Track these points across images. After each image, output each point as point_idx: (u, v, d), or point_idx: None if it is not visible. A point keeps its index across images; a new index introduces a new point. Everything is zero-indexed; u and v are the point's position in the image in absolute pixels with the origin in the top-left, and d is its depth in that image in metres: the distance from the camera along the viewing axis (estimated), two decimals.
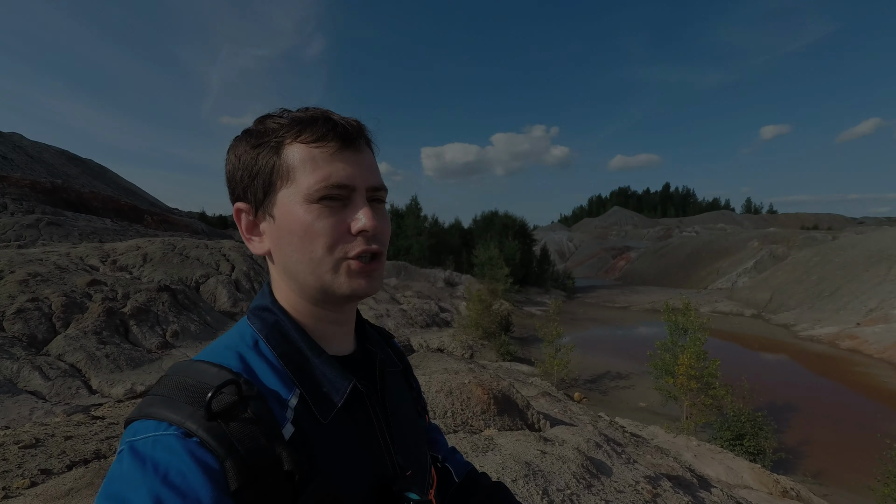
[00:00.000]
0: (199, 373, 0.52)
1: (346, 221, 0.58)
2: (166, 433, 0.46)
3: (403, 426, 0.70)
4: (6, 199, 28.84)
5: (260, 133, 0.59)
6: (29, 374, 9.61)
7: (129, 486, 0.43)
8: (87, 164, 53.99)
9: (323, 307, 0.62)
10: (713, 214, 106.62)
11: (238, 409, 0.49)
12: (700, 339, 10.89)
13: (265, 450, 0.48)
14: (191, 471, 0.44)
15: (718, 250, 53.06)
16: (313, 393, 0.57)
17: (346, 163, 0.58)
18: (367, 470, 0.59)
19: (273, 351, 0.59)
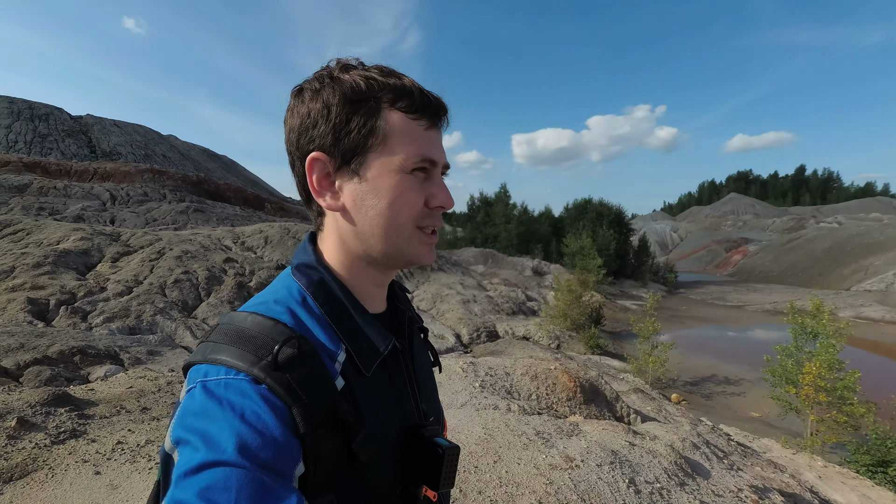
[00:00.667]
0: (258, 325, 0.55)
1: (424, 195, 0.61)
2: (237, 378, 0.49)
3: (425, 377, 0.76)
4: (165, 189, 34.96)
5: (355, 88, 0.58)
6: (183, 333, 11.76)
7: (209, 420, 0.45)
8: (222, 159, 62.99)
9: (377, 269, 0.66)
10: (865, 202, 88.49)
11: (299, 362, 0.52)
12: (834, 346, 9.27)
13: (323, 399, 0.51)
14: (265, 412, 0.47)
15: (869, 245, 44.05)
16: (357, 349, 0.61)
17: (434, 140, 0.62)
18: (400, 418, 0.64)
19: (320, 308, 0.61)
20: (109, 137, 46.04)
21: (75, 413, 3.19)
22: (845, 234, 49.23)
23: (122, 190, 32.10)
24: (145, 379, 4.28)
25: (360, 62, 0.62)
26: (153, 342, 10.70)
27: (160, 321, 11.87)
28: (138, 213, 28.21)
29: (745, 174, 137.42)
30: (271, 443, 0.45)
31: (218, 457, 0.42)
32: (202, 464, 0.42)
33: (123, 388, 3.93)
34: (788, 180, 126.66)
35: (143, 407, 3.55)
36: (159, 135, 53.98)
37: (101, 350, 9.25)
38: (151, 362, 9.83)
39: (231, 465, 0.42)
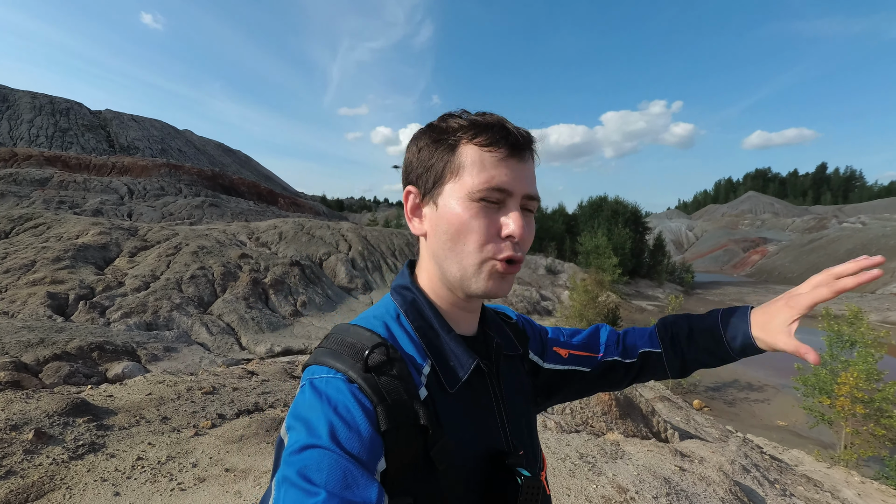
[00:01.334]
0: (356, 334, 0.63)
1: (497, 224, 0.62)
2: (335, 377, 0.57)
3: (516, 409, 0.74)
4: (181, 184, 35.31)
5: (441, 130, 0.65)
6: (199, 329, 11.75)
7: (311, 410, 0.53)
8: (236, 154, 63.52)
9: (458, 295, 0.68)
10: (890, 201, 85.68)
11: (386, 366, 0.58)
12: (873, 355, 8.82)
13: (406, 403, 0.56)
14: (354, 407, 0.53)
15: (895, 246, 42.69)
16: (442, 365, 0.64)
17: (510, 169, 0.62)
18: (483, 441, 0.65)
19: (411, 324, 0.67)
20: (127, 132, 46.71)
21: (94, 424, 3.04)
22: (870, 235, 47.70)
23: (139, 184, 32.47)
24: (165, 384, 4.13)
25: (463, 111, 0.67)
26: (170, 338, 10.69)
27: (176, 317, 11.88)
28: (155, 208, 28.52)
29: (763, 172, 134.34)
30: (357, 435, 0.51)
31: (315, 441, 0.49)
32: (303, 446, 0.49)
33: (142, 394, 3.79)
34: (809, 178, 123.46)
35: (163, 416, 3.40)
36: (175, 129, 54.63)
37: (119, 346, 9.24)
38: (168, 359, 9.81)
39: (324, 449, 0.48)
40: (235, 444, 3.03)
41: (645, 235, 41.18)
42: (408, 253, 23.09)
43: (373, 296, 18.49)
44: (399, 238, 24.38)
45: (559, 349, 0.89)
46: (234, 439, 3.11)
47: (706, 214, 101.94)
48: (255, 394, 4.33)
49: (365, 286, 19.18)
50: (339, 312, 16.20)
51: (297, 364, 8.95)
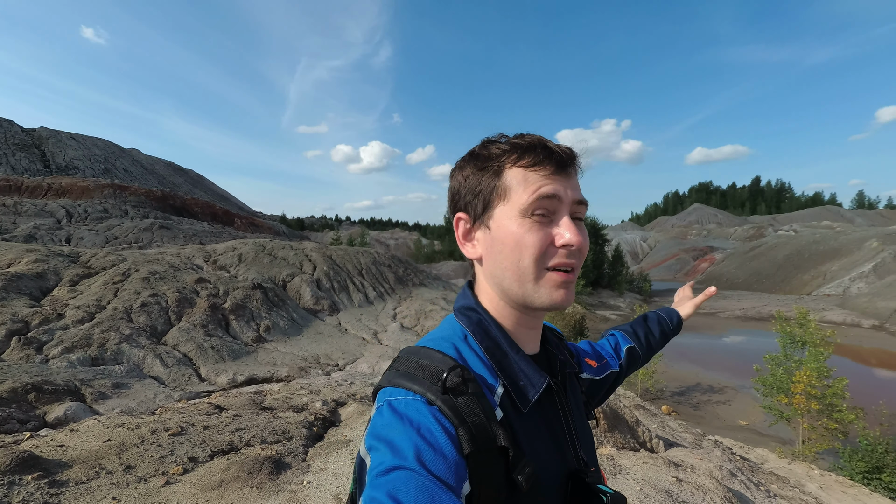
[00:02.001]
0: (428, 356, 0.62)
1: (551, 235, 0.63)
2: (414, 398, 0.55)
3: (582, 425, 0.76)
4: (127, 205, 33.21)
5: (484, 157, 0.67)
6: (152, 361, 10.86)
7: (393, 432, 0.52)
8: (188, 173, 60.64)
9: (522, 312, 0.68)
10: (815, 210, 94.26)
11: (463, 388, 0.57)
12: (822, 353, 9.47)
13: (485, 425, 0.55)
14: (437, 430, 0.52)
15: (826, 251, 46.68)
16: (513, 385, 0.64)
17: (558, 181, 0.64)
18: (559, 461, 0.65)
19: (479, 345, 0.66)
20: (65, 151, 43.55)
21: (45, 480, 2.67)
22: (803, 242, 52.06)
23: (79, 206, 30.18)
24: (125, 428, 3.73)
25: (501, 135, 0.69)
26: (119, 373, 9.82)
27: (126, 349, 10.94)
28: (98, 231, 26.54)
29: (706, 185, 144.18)
30: (442, 457, 0.50)
31: (401, 462, 0.48)
32: (390, 467, 0.48)
33: (100, 441, 3.39)
34: (746, 191, 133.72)
35: (127, 465, 3.04)
36: (120, 148, 51.54)
37: (60, 385, 8.37)
38: (118, 396, 8.98)
39: (411, 471, 0.47)
40: (215, 492, 2.75)
41: (604, 247, 42.81)
42: (374, 272, 22.69)
43: (340, 317, 17.92)
44: (365, 257, 23.95)
45: (590, 360, 0.96)
46: (212, 485, 2.82)
47: (658, 226, 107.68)
48: (229, 431, 4.00)
49: (332, 307, 18.57)
50: (305, 336, 15.52)
51: (264, 394, 8.44)
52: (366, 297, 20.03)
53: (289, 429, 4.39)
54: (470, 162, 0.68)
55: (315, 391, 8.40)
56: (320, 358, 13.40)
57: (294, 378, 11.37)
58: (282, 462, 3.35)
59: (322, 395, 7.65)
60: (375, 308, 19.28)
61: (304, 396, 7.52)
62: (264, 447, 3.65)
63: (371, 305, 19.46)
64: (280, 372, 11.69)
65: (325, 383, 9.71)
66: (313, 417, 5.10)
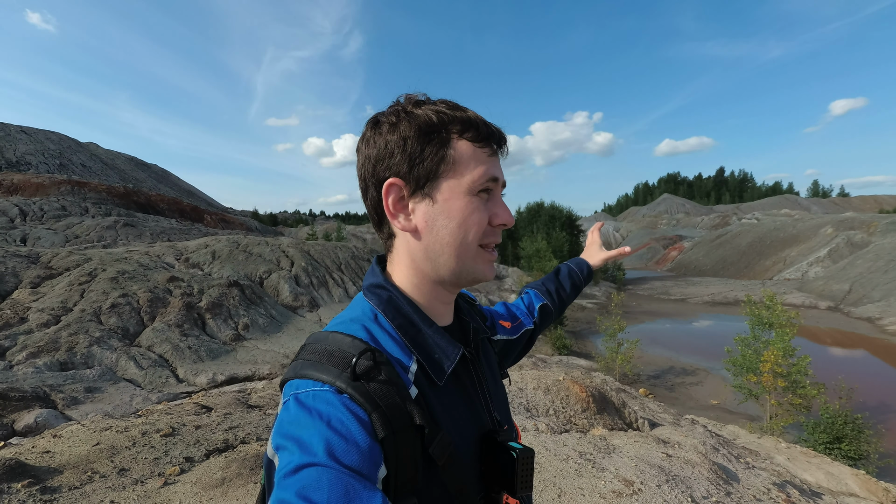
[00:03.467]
0: (337, 342, 0.60)
1: (489, 214, 0.65)
2: (322, 389, 0.54)
3: (495, 387, 0.77)
4: (87, 203, 31.58)
5: (426, 121, 0.63)
6: (125, 364, 10.45)
7: (301, 428, 0.50)
8: (152, 168, 58.04)
9: (444, 287, 0.69)
10: (775, 199, 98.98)
11: (375, 372, 0.56)
12: (788, 334, 10.06)
13: (400, 406, 0.55)
14: (348, 419, 0.51)
15: (785, 238, 49.19)
16: (428, 359, 0.64)
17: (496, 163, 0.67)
18: (474, 425, 0.67)
19: (391, 323, 0.65)
20: (16, 146, 40.93)
21: (37, 487, 2.56)
22: (764, 230, 54.64)
23: (33, 204, 28.48)
24: (113, 431, 3.61)
25: (427, 97, 0.67)
26: (91, 377, 9.43)
27: (97, 352, 10.49)
28: (56, 231, 25.14)
29: (674, 176, 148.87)
30: (355, 447, 0.49)
31: (310, 459, 0.47)
32: (298, 466, 0.47)
33: (88, 445, 3.28)
34: (711, 181, 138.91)
35: (121, 468, 2.95)
36: (77, 142, 48.83)
37: (28, 392, 7.98)
38: (91, 401, 8.64)
39: (322, 466, 0.47)
40: (219, 489, 2.71)
41: (579, 238, 43.72)
42: (354, 266, 22.45)
43: (320, 313, 17.68)
44: (344, 251, 23.65)
45: (504, 322, 0.99)
46: (214, 483, 2.78)
47: (629, 216, 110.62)
48: (222, 430, 3.93)
49: (311, 303, 18.29)
50: (285, 333, 15.25)
51: (249, 392, 8.29)
52: (346, 292, 19.81)
53: None
54: (408, 123, 0.63)
55: None
56: None
57: (277, 376, 11.18)
58: None
59: None
60: None
61: None
62: (262, 444, 3.61)
63: (351, 300, 19.28)
64: (262, 370, 11.47)
65: None
66: None
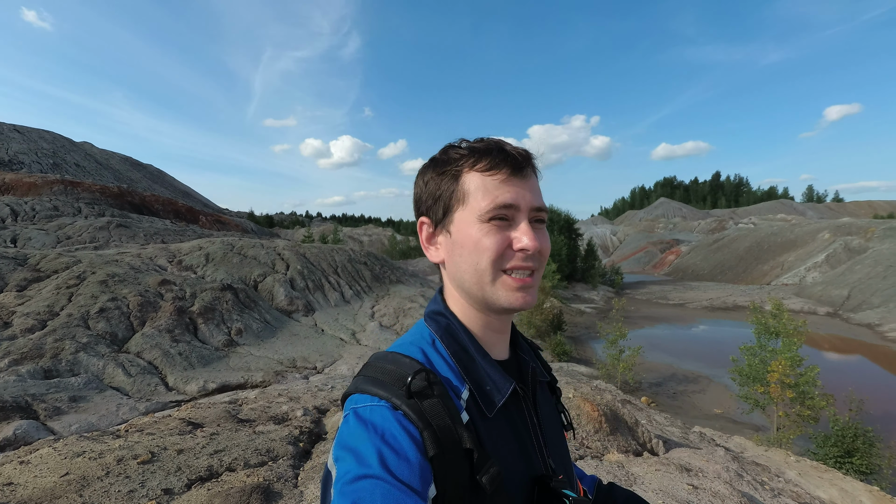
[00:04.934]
0: (396, 361, 0.62)
1: (509, 238, 0.64)
2: (379, 404, 0.56)
3: (552, 434, 0.75)
4: (80, 203, 31.12)
5: (443, 162, 0.68)
6: (113, 371, 10.08)
7: (358, 440, 0.53)
8: (147, 168, 57.49)
9: (486, 314, 0.69)
10: (771, 204, 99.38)
11: (428, 391, 0.57)
12: (795, 343, 9.83)
13: (450, 428, 0.56)
14: (401, 435, 0.53)
15: (783, 243, 49.20)
16: (479, 389, 0.64)
17: (513, 186, 0.64)
18: (525, 466, 0.65)
19: (447, 349, 0.67)
20: (9, 144, 40.41)
21: None
22: (762, 234, 54.68)
23: (25, 204, 27.99)
24: (85, 457, 3.29)
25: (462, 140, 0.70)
26: (76, 385, 9.06)
27: (84, 359, 10.12)
28: (48, 231, 24.67)
29: (670, 180, 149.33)
30: (406, 462, 0.51)
31: (366, 471, 0.49)
32: (355, 477, 0.49)
33: (56, 475, 2.95)
34: (707, 185, 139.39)
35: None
36: (71, 142, 48.32)
37: (8, 402, 7.63)
38: (75, 411, 8.28)
39: (376, 479, 0.49)
40: None
41: (577, 241, 43.54)
42: (350, 270, 22.12)
43: (316, 317, 17.33)
44: (340, 254, 23.32)
45: None
46: None
47: (626, 220, 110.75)
48: (206, 454, 3.61)
49: (307, 307, 17.94)
50: (280, 338, 14.90)
51: (240, 404, 7.95)
52: (342, 296, 19.50)
53: (273, 447, 4.04)
54: (430, 167, 0.70)
55: (295, 398, 7.97)
56: (297, 361, 12.89)
57: (270, 383, 10.84)
58: (271, 490, 3.02)
59: (303, 403, 7.25)
60: (352, 307, 18.79)
61: (283, 405, 7.10)
62: (249, 472, 3.30)
63: (348, 304, 18.95)
64: (255, 377, 11.14)
65: (305, 388, 9.26)
66: (298, 431, 4.75)
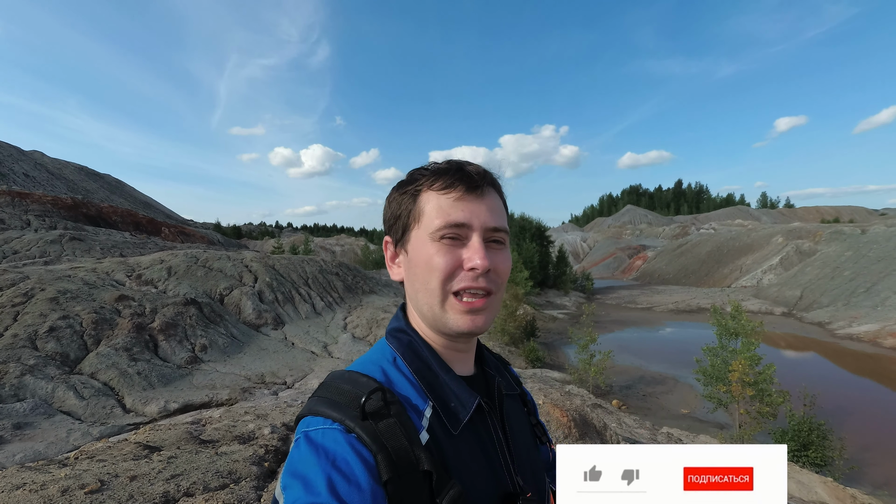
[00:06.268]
0: (351, 380, 0.61)
1: (459, 258, 0.63)
2: (332, 427, 0.54)
3: (522, 449, 0.72)
4: (30, 215, 29.29)
5: (405, 183, 0.69)
6: (64, 394, 9.45)
7: (307, 466, 0.51)
8: (105, 178, 54.80)
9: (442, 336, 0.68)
10: (729, 210, 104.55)
11: (384, 412, 0.56)
12: (753, 343, 10.30)
13: (407, 449, 0.54)
14: (353, 459, 0.51)
15: (741, 247, 51.73)
16: (443, 407, 0.63)
17: (468, 204, 0.64)
18: (492, 484, 0.63)
19: (409, 367, 0.66)
20: None
21: None
22: (721, 239, 57.34)
23: None
24: (25, 490, 3.06)
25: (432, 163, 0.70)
26: (21, 411, 8.45)
27: (31, 382, 9.45)
28: None
29: (636, 188, 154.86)
30: (357, 488, 0.49)
31: (314, 499, 0.48)
32: None
33: None
34: (670, 193, 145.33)
35: None
36: (19, 150, 45.63)
37: None
38: (20, 439, 7.71)
39: None
40: None
41: (549, 248, 44.34)
42: (321, 281, 21.70)
43: (286, 330, 16.85)
44: (311, 265, 22.86)
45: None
46: None
47: (595, 227, 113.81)
48: (162, 479, 3.42)
49: (276, 320, 17.42)
50: (247, 354, 14.38)
51: (203, 424, 7.60)
52: (313, 307, 19.07)
53: (236, 468, 3.87)
54: (396, 188, 0.70)
55: (262, 415, 7.69)
56: (265, 376, 12.47)
57: (237, 401, 10.43)
58: None
59: (270, 420, 7.00)
60: (324, 319, 18.40)
61: (249, 423, 6.83)
62: (208, 497, 3.15)
63: (319, 316, 18.55)
64: (220, 395, 10.69)
65: (273, 405, 8.95)
66: (263, 450, 4.57)
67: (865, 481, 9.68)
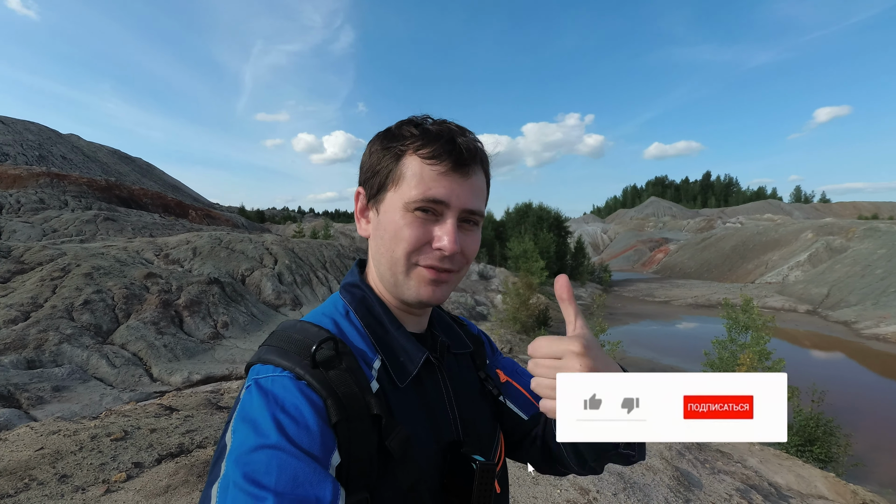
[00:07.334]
0: (303, 330, 0.62)
1: (430, 234, 0.63)
2: (281, 375, 0.55)
3: (468, 403, 0.74)
4: (67, 196, 30.83)
5: (392, 137, 0.66)
6: (97, 362, 10.19)
7: (257, 411, 0.52)
8: (136, 162, 56.91)
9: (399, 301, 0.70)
10: (759, 204, 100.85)
11: (335, 361, 0.57)
12: (764, 337, 10.20)
13: (357, 395, 0.56)
14: (302, 404, 0.52)
15: (767, 242, 50.10)
16: (392, 360, 0.65)
17: (451, 182, 0.62)
18: (437, 434, 0.66)
19: (360, 321, 0.67)
20: None
21: None
22: (747, 233, 55.59)
23: (10, 197, 27.70)
24: (60, 435, 3.47)
25: (426, 117, 0.67)
26: (60, 376, 9.16)
27: (68, 350, 10.21)
28: (33, 224, 24.47)
29: (662, 179, 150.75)
30: (305, 429, 0.50)
31: (263, 441, 0.48)
32: (250, 448, 0.48)
33: (31, 450, 3.14)
34: (697, 185, 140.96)
35: (62, 475, 2.83)
36: (57, 133, 47.69)
37: None
38: (59, 400, 8.39)
39: (272, 448, 0.48)
40: (161, 497, 2.61)
41: (567, 239, 43.95)
42: (339, 265, 22.25)
43: (303, 311, 17.48)
44: (329, 249, 23.43)
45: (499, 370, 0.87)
46: (158, 491, 2.67)
47: (617, 218, 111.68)
48: (179, 433, 3.81)
49: (294, 301, 18.07)
50: (266, 332, 15.03)
51: (222, 393, 8.12)
52: (330, 290, 19.60)
53: None
54: (380, 138, 0.68)
55: None
56: None
57: None
58: None
59: None
60: None
61: None
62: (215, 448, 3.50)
63: None
64: (239, 369, 11.27)
65: None
66: None
67: (873, 480, 9.58)
